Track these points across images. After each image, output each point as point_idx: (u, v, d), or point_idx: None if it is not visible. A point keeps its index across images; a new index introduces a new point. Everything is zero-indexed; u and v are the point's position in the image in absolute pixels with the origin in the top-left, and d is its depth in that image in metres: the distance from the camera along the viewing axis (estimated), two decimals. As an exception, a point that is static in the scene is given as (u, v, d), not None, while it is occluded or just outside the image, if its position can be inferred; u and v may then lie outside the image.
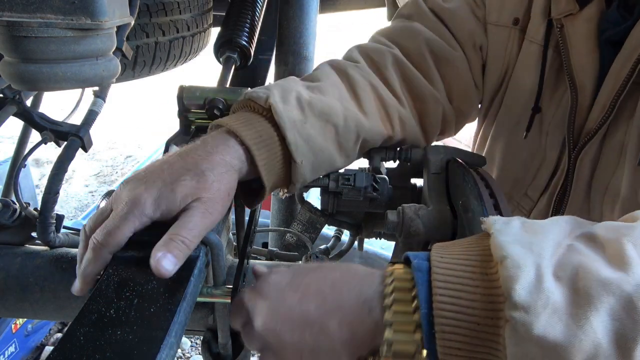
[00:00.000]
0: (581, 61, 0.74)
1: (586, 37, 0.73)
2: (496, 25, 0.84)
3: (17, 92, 0.89)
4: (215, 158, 0.55)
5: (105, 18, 0.61)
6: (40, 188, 3.47)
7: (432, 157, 0.72)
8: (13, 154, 1.48)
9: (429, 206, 0.64)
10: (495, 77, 0.87)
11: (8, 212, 0.71)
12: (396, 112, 0.75)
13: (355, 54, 0.80)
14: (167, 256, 0.47)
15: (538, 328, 0.36)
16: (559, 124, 0.80)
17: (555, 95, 0.80)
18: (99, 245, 0.49)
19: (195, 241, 0.50)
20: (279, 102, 0.61)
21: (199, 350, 1.79)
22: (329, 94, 0.68)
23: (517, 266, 0.38)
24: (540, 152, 0.84)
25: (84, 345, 0.39)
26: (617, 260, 0.38)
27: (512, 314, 0.37)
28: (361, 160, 0.81)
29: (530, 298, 0.37)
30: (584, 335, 0.35)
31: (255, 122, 0.60)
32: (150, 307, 0.43)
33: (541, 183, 0.85)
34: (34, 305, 0.67)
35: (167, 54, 1.31)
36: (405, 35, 0.84)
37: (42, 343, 2.14)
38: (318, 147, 0.64)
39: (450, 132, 0.89)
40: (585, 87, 0.74)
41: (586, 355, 0.35)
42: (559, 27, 0.75)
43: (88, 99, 1.03)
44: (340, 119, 0.66)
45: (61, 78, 0.63)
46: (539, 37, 0.79)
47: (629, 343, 0.35)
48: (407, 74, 0.80)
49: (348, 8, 1.84)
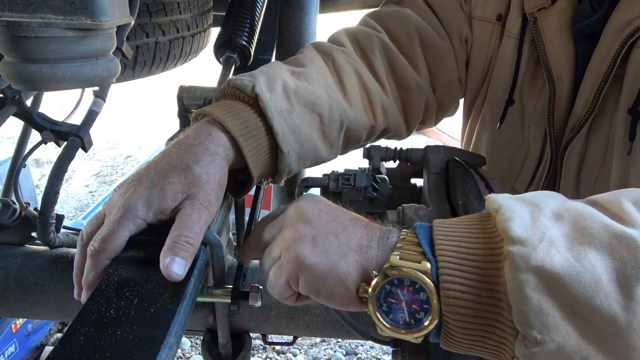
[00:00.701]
0: (557, 53, 0.76)
1: (559, 29, 0.75)
2: (480, 20, 0.85)
3: (17, 92, 0.89)
4: (198, 149, 0.54)
5: (105, 18, 0.61)
6: (40, 188, 3.47)
7: (432, 157, 0.72)
8: (13, 154, 1.48)
9: (429, 206, 0.64)
10: (479, 72, 0.88)
11: (8, 212, 0.71)
12: (379, 101, 0.75)
13: (342, 36, 0.79)
14: (175, 260, 0.47)
15: (536, 258, 0.36)
16: (540, 116, 0.81)
17: (534, 88, 0.82)
18: (96, 252, 0.49)
19: (199, 238, 0.49)
20: (265, 91, 0.60)
21: (199, 350, 1.79)
22: (314, 81, 0.67)
23: (512, 210, 0.40)
24: (524, 146, 0.86)
25: (84, 345, 0.39)
26: (618, 216, 0.39)
27: (510, 249, 0.37)
28: (361, 160, 0.81)
29: (526, 233, 0.38)
30: (582, 267, 0.35)
31: (241, 111, 0.59)
32: (150, 307, 0.43)
33: (526, 177, 0.86)
34: (34, 305, 0.67)
35: (167, 54, 1.31)
36: (396, 20, 0.84)
37: (42, 343, 2.14)
38: (304, 136, 0.63)
39: (430, 122, 0.90)
40: (562, 80, 0.76)
41: (585, 288, 0.35)
42: (533, 20, 0.77)
43: (88, 99, 1.03)
44: (326, 109, 0.66)
45: (61, 78, 0.63)
46: (515, 31, 0.81)
47: (630, 281, 0.35)
48: (393, 61, 0.80)
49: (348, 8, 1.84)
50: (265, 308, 0.64)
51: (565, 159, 0.78)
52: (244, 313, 0.64)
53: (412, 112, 0.82)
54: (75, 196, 3.77)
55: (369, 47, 0.78)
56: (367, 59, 0.77)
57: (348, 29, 0.83)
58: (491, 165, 0.91)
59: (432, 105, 0.85)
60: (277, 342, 0.79)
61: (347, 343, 2.32)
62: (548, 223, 0.39)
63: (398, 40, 0.82)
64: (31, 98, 1.38)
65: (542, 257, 0.36)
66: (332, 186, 0.74)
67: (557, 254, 0.36)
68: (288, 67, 0.68)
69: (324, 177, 0.75)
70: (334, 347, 2.30)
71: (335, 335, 0.66)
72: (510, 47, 0.82)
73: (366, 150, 0.80)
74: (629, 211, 0.39)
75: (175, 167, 0.52)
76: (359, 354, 2.29)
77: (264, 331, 0.68)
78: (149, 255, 0.49)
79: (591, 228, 0.37)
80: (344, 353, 2.27)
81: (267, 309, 0.64)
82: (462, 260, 0.40)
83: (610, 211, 0.40)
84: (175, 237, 0.48)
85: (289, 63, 0.71)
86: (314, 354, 2.25)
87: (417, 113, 0.83)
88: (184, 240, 0.48)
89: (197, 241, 0.49)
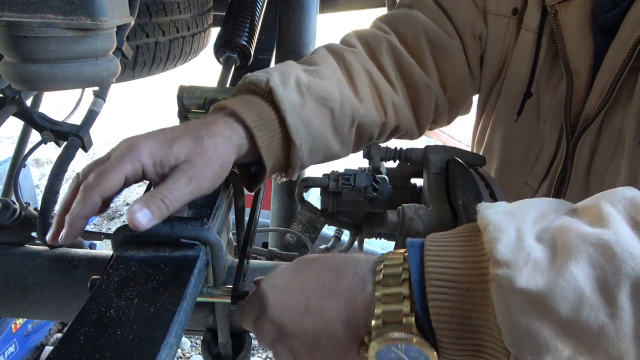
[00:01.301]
0: (576, 47, 0.75)
1: (579, 23, 0.74)
2: (495, 15, 0.85)
3: (17, 92, 0.90)
4: (215, 129, 0.55)
5: (105, 18, 0.61)
6: (40, 188, 3.47)
7: (432, 157, 0.72)
8: (13, 154, 1.48)
9: (429, 206, 0.64)
10: (494, 67, 0.88)
11: (8, 212, 0.71)
12: (390, 99, 0.76)
13: (352, 38, 0.81)
14: (144, 210, 0.46)
15: (520, 281, 0.36)
16: (557, 110, 0.81)
17: (551, 82, 0.81)
18: (89, 186, 0.48)
19: (176, 203, 0.49)
20: (278, 85, 0.61)
21: (199, 350, 1.79)
22: (326, 78, 0.68)
23: (499, 229, 0.39)
24: (539, 140, 0.85)
25: (84, 345, 0.39)
26: (596, 221, 0.39)
27: (496, 272, 0.37)
28: (361, 160, 0.81)
29: (512, 255, 0.38)
30: (565, 282, 0.35)
31: (256, 104, 0.61)
32: (150, 307, 0.43)
33: (541, 171, 0.86)
34: (34, 305, 0.67)
35: (167, 54, 1.31)
36: (404, 21, 0.84)
37: (42, 343, 2.14)
38: (316, 130, 0.64)
39: (443, 121, 0.90)
40: (580, 73, 0.75)
41: (570, 303, 0.35)
42: (553, 13, 0.77)
43: (88, 99, 1.03)
44: (337, 104, 0.67)
45: (61, 78, 0.63)
46: (534, 24, 0.81)
47: (611, 288, 0.35)
48: (401, 62, 0.80)
49: (348, 8, 1.84)
50: (265, 308, 0.64)
51: (577, 150, 0.78)
52: (244, 313, 0.64)
53: (422, 110, 0.83)
54: (75, 196, 3.76)
55: (377, 49, 0.79)
56: (376, 60, 0.78)
57: (358, 31, 0.84)
58: (504, 160, 0.91)
59: (443, 104, 0.86)
60: (277, 342, 0.79)
61: (347, 343, 2.32)
62: (532, 244, 0.39)
63: (406, 41, 0.83)
64: (31, 98, 1.38)
65: (527, 280, 0.36)
66: (332, 186, 0.74)
67: (540, 276, 0.36)
68: (301, 66, 0.70)
69: (324, 177, 0.75)
70: (334, 347, 2.30)
71: (335, 335, 0.66)
72: (528, 41, 0.82)
73: (366, 150, 0.80)
74: (607, 213, 0.39)
75: (188, 132, 0.53)
76: (359, 354, 2.29)
77: (264, 331, 0.68)
78: (148, 256, 0.49)
79: (568, 242, 0.37)
80: (344, 353, 2.27)
81: (267, 309, 0.64)
82: (450, 283, 0.40)
83: (589, 216, 0.40)
84: (154, 192, 0.48)
85: (301, 62, 0.73)
86: (314, 354, 2.25)
87: (427, 112, 0.83)
88: (160, 197, 0.48)
89: (172, 204, 0.48)
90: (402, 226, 0.63)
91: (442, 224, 0.62)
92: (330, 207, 0.76)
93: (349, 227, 0.83)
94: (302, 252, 0.90)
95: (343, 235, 0.92)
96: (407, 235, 0.62)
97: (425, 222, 0.62)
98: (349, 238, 0.86)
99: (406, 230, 0.62)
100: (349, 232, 0.85)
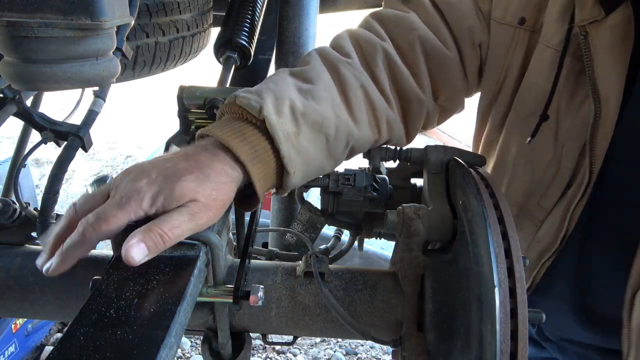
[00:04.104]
0: (606, 72, 0.68)
1: (611, 46, 0.67)
2: (500, 23, 0.80)
3: (17, 92, 0.90)
4: (218, 166, 0.55)
5: (105, 18, 0.61)
6: (40, 188, 3.47)
7: (432, 157, 0.72)
8: (13, 154, 1.48)
9: (429, 206, 0.64)
10: (495, 78, 0.84)
11: (8, 212, 0.71)
12: (384, 116, 0.74)
13: (346, 42, 0.78)
14: (140, 246, 0.46)
15: None
16: (578, 134, 0.74)
17: (572, 105, 0.75)
18: (90, 227, 0.48)
19: (174, 240, 0.49)
20: (272, 114, 0.60)
21: (199, 350, 1.79)
22: (322, 100, 0.67)
23: None
24: (555, 163, 0.79)
25: (84, 345, 0.39)
26: None
27: None
28: (361, 160, 0.81)
29: None
30: None
31: (249, 134, 0.60)
32: (150, 307, 0.43)
33: (556, 193, 0.80)
34: (34, 305, 0.67)
35: (167, 54, 1.31)
36: (399, 27, 0.81)
37: (42, 343, 2.14)
38: (311, 157, 0.64)
39: (432, 126, 0.88)
40: (609, 100, 0.69)
41: None
42: (584, 34, 0.69)
43: (88, 99, 1.03)
44: (332, 129, 0.66)
45: (61, 78, 0.63)
46: (555, 42, 0.74)
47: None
48: (395, 74, 0.78)
49: (348, 8, 1.84)
50: (265, 308, 0.64)
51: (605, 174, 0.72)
52: (244, 313, 0.64)
53: (411, 121, 0.81)
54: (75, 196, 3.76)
55: (373, 59, 0.77)
56: (372, 72, 0.76)
57: (352, 32, 0.81)
58: (516, 179, 0.86)
59: (434, 112, 0.84)
60: (277, 342, 0.79)
61: (347, 343, 2.33)
62: None
63: (400, 48, 0.80)
64: (31, 98, 1.38)
65: None
66: (332, 186, 0.74)
67: None
68: (295, 83, 0.68)
69: (324, 177, 0.75)
70: (334, 347, 2.30)
71: (335, 335, 0.66)
72: (547, 59, 0.75)
73: (366, 150, 0.80)
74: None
75: (192, 172, 0.52)
76: (359, 354, 2.29)
77: (264, 331, 0.68)
78: (149, 255, 0.49)
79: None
80: (344, 353, 2.27)
81: (267, 308, 0.64)
82: None
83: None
84: (154, 226, 0.48)
85: (296, 77, 0.70)
86: (314, 354, 2.25)
87: (416, 122, 0.82)
88: (160, 233, 0.48)
89: (171, 241, 0.49)
90: (402, 226, 0.63)
91: (442, 224, 0.62)
92: (330, 207, 0.76)
93: (349, 227, 0.83)
94: (302, 252, 0.90)
95: (343, 235, 0.92)
96: (407, 235, 0.62)
97: (425, 222, 0.62)
98: (349, 238, 0.86)
99: (406, 230, 0.62)
100: (349, 232, 0.85)
